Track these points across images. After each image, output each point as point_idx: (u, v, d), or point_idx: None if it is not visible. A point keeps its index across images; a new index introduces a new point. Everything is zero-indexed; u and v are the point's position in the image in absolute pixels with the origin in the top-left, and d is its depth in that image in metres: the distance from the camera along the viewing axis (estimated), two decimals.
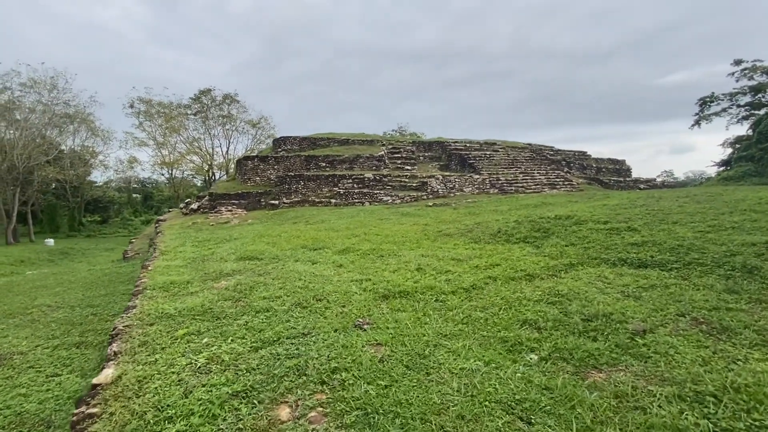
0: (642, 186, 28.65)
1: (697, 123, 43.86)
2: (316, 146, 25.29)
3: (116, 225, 55.58)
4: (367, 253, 7.61)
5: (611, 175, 30.87)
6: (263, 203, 20.68)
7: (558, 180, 23.91)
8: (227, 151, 52.91)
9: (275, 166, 22.51)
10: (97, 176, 55.95)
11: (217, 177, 49.43)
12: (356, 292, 4.93)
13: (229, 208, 19.66)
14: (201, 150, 52.33)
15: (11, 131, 37.18)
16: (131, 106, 47.34)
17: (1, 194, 39.02)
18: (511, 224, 9.21)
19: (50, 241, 36.28)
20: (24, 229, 43.11)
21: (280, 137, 26.34)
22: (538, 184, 22.70)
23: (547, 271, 5.52)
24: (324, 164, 22.61)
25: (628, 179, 29.61)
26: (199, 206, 20.98)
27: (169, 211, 26.57)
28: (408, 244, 8.45)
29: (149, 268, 7.72)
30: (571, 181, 24.34)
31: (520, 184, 22.27)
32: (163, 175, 54.14)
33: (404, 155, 25.47)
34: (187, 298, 5.32)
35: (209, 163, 52.93)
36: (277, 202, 19.88)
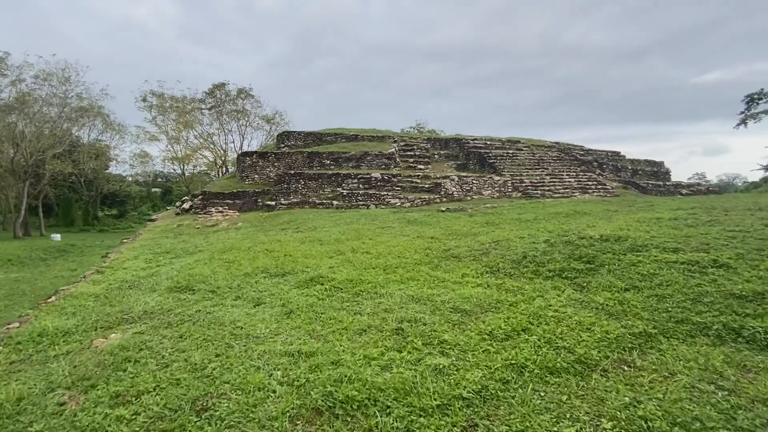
0: (684, 191, 25.62)
1: (743, 122, 39.94)
2: (322, 142, 23.30)
3: (132, 219, 55.16)
4: (338, 288, 5.50)
5: (648, 178, 27.84)
6: (260, 204, 18.84)
7: (590, 183, 21.25)
8: (240, 147, 51.68)
9: (275, 163, 20.63)
10: (115, 170, 55.65)
11: (230, 173, 48.19)
12: (274, 391, 2.82)
13: (221, 208, 17.88)
14: (214, 146, 51.32)
15: (25, 123, 36.70)
16: (144, 100, 46.50)
17: (13, 187, 38.80)
18: (541, 246, 6.92)
19: (57, 236, 35.46)
20: (40, 223, 42.99)
21: (284, 132, 24.45)
22: (567, 188, 20.12)
23: (609, 349, 3.28)
24: (328, 162, 20.61)
25: (668, 183, 26.58)
26: (191, 206, 19.31)
27: (168, 209, 25.11)
28: (400, 272, 6.30)
29: (50, 300, 5.82)
30: (605, 184, 21.62)
31: (547, 188, 19.73)
32: (174, 170, 53.40)
33: (417, 153, 23.23)
34: (19, 376, 3.33)
35: (222, 159, 51.88)
36: (273, 203, 17.99)
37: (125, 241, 21.74)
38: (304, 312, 4.53)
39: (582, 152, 27.73)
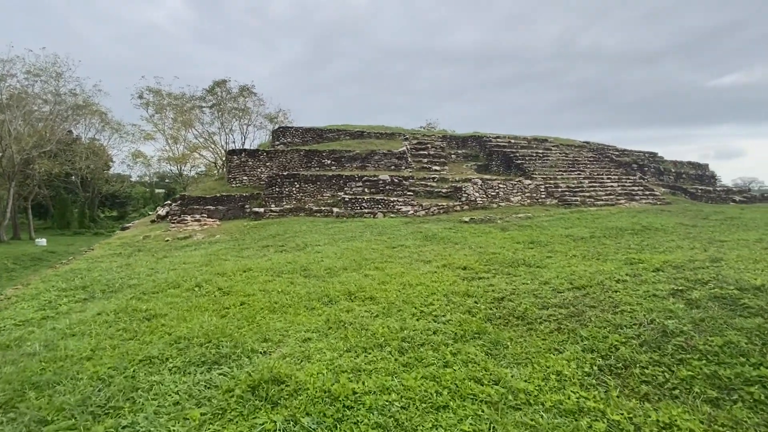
0: (737, 198, 22.30)
1: None
2: (323, 139, 20.38)
3: (132, 221, 52.74)
4: (302, 427, 2.54)
5: (694, 182, 24.52)
6: (247, 210, 15.98)
7: (635, 188, 18.05)
8: (242, 147, 48.96)
9: (268, 163, 17.75)
10: (117, 170, 53.55)
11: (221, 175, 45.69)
12: None
13: (198, 216, 15.02)
14: (215, 145, 48.73)
15: (18, 122, 34.56)
16: (140, 97, 43.99)
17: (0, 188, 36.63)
18: (677, 305, 3.90)
19: (42, 241, 33.04)
20: (36, 225, 40.88)
21: (280, 127, 21.60)
22: (610, 194, 16.96)
23: None
24: (329, 162, 17.67)
25: (718, 189, 23.25)
26: (167, 213, 16.51)
27: (149, 214, 22.44)
28: (431, 362, 3.32)
29: None
30: (653, 190, 18.41)
31: (587, 194, 16.59)
32: (171, 170, 51.02)
33: (432, 152, 20.21)
34: None
35: (223, 159, 49.31)
36: (262, 209, 15.11)
37: (94, 248, 18.94)
38: None
39: (617, 153, 24.50)
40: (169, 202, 19.39)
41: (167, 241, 12.46)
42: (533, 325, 4.02)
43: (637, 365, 3.11)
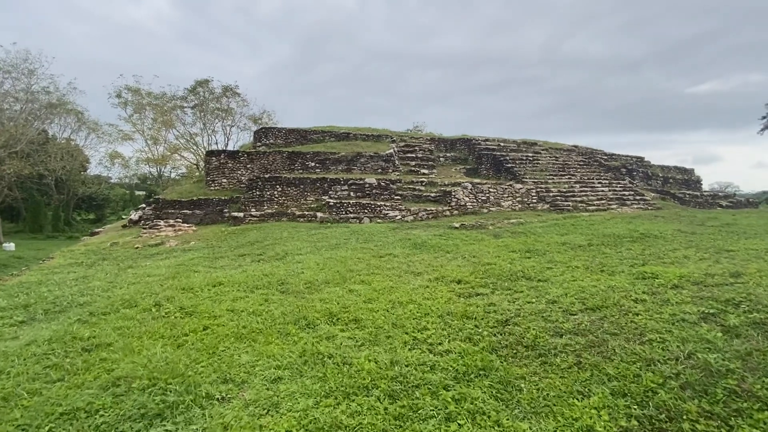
0: (724, 203, 22.30)
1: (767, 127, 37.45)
2: (307, 141, 19.62)
3: (108, 224, 50.90)
4: None
5: (680, 187, 24.49)
6: (226, 215, 15.13)
7: (626, 193, 17.76)
8: (225, 149, 47.66)
9: (248, 165, 16.91)
10: (95, 171, 51.61)
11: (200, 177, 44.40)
12: None
13: (172, 222, 14.11)
14: (197, 147, 47.35)
15: None
16: (118, 96, 42.43)
17: None
18: (712, 332, 3.33)
19: (10, 246, 31.37)
20: (6, 229, 38.97)
21: (263, 128, 20.76)
22: (601, 199, 16.61)
23: None
24: (313, 164, 16.93)
25: (705, 194, 23.25)
26: (140, 217, 15.53)
27: (123, 218, 21.30)
28: (428, 413, 2.68)
29: None
30: (643, 195, 18.16)
31: (579, 198, 16.21)
32: (150, 173, 49.43)
33: (420, 155, 19.63)
34: None
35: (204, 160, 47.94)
36: (242, 214, 14.28)
37: (11, 274, 17.80)
38: None
39: (605, 157, 24.30)
40: (143, 205, 18.34)
41: (137, 248, 11.58)
42: (547, 358, 3.40)
43: (686, 418, 2.50)
